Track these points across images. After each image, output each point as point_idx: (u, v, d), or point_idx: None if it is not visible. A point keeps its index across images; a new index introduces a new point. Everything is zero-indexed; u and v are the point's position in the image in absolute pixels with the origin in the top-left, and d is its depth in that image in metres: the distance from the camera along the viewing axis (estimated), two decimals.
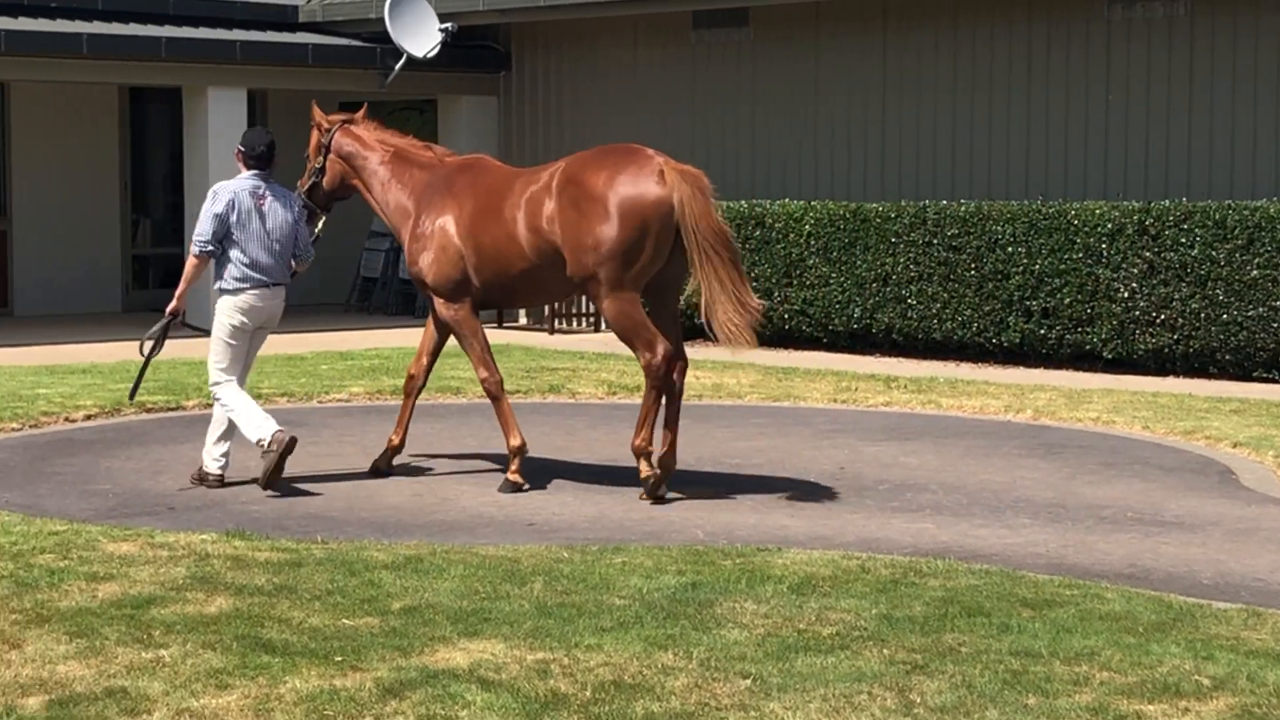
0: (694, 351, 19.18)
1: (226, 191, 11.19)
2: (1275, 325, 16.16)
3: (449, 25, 22.14)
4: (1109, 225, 16.94)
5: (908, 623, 7.48)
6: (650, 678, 6.68)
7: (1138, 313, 16.85)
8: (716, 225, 10.69)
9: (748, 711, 6.30)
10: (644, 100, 21.96)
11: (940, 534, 9.74)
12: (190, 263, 11.30)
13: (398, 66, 22.09)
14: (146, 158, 25.22)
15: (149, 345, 11.47)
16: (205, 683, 6.59)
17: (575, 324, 22.32)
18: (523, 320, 23.03)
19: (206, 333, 11.61)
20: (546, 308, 21.79)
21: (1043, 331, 17.43)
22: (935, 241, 18.08)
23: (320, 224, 12.08)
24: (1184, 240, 16.56)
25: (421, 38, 22.09)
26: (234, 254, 11.16)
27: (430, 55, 22.10)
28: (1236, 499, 10.92)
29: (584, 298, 22.21)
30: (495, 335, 21.07)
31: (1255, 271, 16.21)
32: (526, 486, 11.09)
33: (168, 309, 11.35)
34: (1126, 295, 16.86)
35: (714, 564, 8.62)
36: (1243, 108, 17.49)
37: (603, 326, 22.08)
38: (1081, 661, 6.91)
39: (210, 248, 11.15)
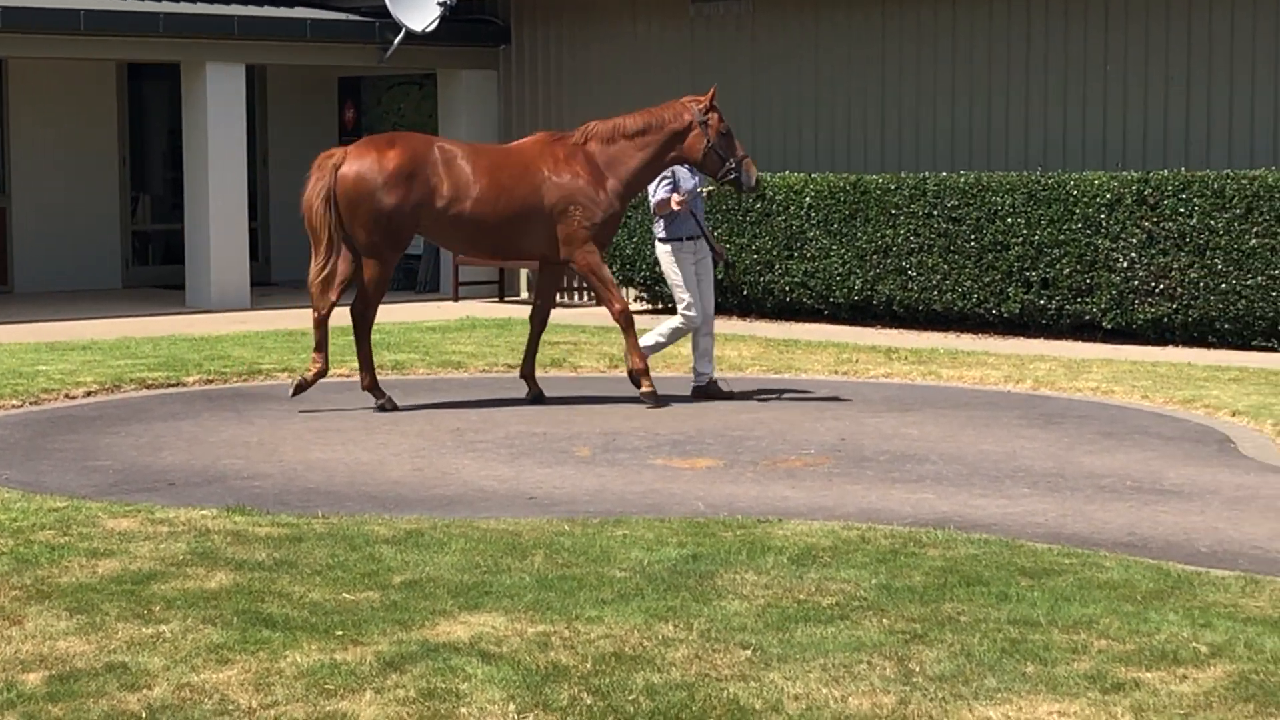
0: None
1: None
2: (1274, 294, 16.15)
3: None
4: (1108, 195, 16.93)
5: (907, 592, 7.50)
6: (651, 649, 6.70)
7: (1137, 282, 16.85)
8: (305, 203, 13.12)
9: (748, 682, 6.32)
10: (643, 73, 21.94)
11: (940, 504, 9.76)
12: None
13: (396, 41, 22.07)
14: (145, 134, 25.20)
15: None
16: (206, 658, 6.61)
17: (576, 298, 22.32)
18: (524, 295, 23.03)
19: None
20: None
21: (1042, 302, 17.43)
22: (935, 213, 18.07)
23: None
24: (1183, 210, 16.55)
25: (420, 12, 22.06)
26: None
27: (429, 29, 22.08)
28: (1235, 467, 10.92)
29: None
30: (496, 310, 21.11)
31: (1254, 240, 16.20)
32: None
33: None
34: (1125, 265, 16.86)
35: (714, 535, 8.64)
36: (1241, 77, 17.46)
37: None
38: (1080, 630, 6.93)
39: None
